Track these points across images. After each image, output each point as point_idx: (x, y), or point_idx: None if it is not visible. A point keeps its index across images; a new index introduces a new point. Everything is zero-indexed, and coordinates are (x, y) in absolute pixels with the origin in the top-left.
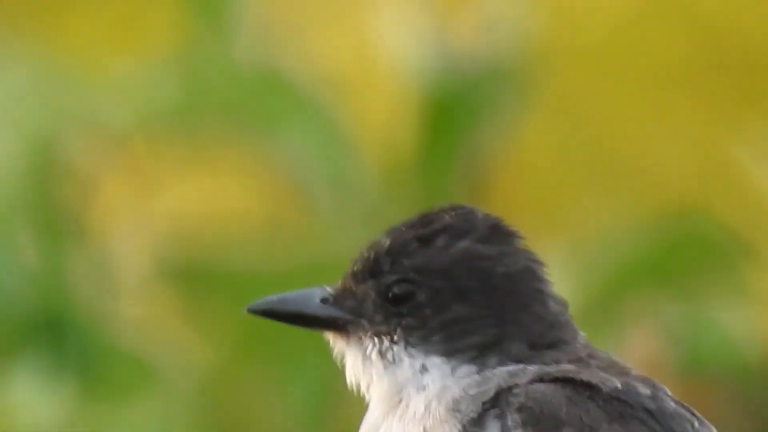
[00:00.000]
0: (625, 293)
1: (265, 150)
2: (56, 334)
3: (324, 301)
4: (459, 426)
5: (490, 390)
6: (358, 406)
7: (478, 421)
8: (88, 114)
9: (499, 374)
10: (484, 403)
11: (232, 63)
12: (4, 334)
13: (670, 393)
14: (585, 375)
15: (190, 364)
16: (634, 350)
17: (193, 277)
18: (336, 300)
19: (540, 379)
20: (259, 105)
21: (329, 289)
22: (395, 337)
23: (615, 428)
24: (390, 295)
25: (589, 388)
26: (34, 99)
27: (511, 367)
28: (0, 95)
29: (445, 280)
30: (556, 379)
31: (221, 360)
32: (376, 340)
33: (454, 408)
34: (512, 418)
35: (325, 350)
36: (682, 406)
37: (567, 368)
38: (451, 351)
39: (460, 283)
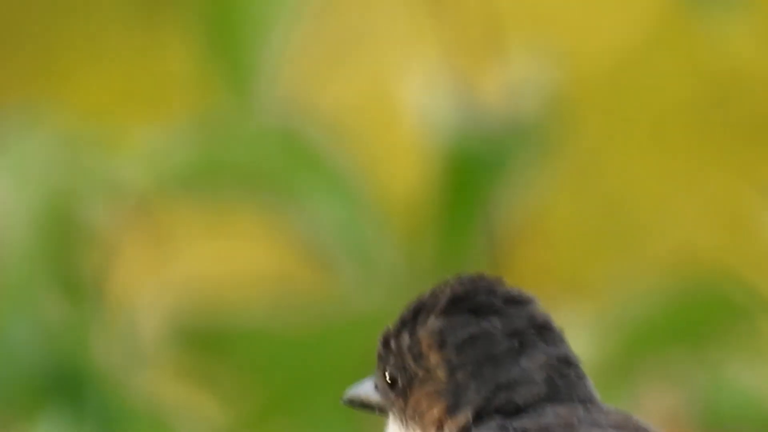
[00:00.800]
0: (645, 353)
1: (285, 213)
2: (75, 394)
3: (375, 385)
4: None
5: None
6: None
7: None
8: (107, 177)
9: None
10: None
11: (252, 126)
12: (25, 392)
13: None
14: None
15: (208, 424)
16: (653, 409)
17: (211, 338)
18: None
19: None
20: (278, 168)
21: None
22: (392, 417)
23: None
24: (388, 379)
25: None
26: (53, 162)
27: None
28: (19, 159)
29: (414, 361)
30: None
31: (240, 421)
32: (391, 417)
33: None
34: None
35: (346, 414)
36: None
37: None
38: (425, 427)
39: (428, 361)
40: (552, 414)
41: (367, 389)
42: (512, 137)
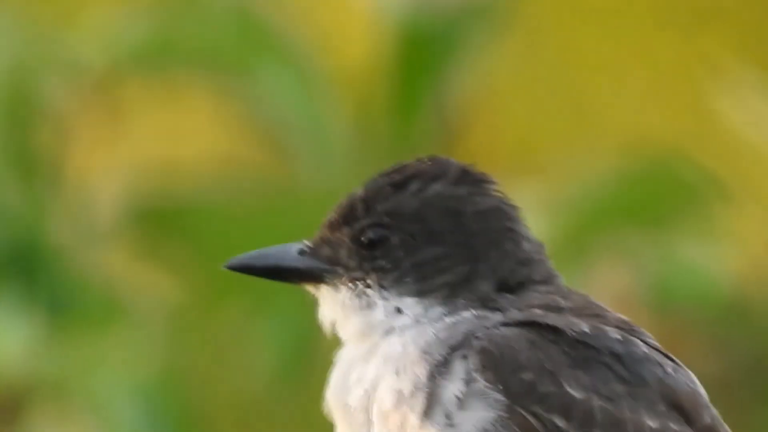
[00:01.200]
0: (598, 232)
1: (239, 92)
2: (30, 271)
3: (301, 253)
4: (428, 368)
5: (458, 334)
6: (332, 347)
7: (446, 363)
8: (63, 56)
9: (469, 319)
10: (451, 347)
11: (205, 4)
12: None
13: (648, 336)
14: (551, 319)
15: (159, 301)
16: (605, 288)
17: (165, 216)
18: (313, 251)
19: (505, 324)
20: (232, 46)
21: (306, 242)
22: (369, 281)
23: (577, 373)
24: (364, 239)
25: (554, 332)
26: (8, 41)
27: (480, 312)
28: None
29: (417, 223)
30: (520, 323)
31: (191, 298)
32: (350, 285)
33: (426, 351)
34: (473, 362)
35: (298, 292)
36: (658, 350)
37: (534, 312)
38: (423, 291)
39: (432, 225)
40: (545, 292)
41: (289, 256)
42: (463, 14)
